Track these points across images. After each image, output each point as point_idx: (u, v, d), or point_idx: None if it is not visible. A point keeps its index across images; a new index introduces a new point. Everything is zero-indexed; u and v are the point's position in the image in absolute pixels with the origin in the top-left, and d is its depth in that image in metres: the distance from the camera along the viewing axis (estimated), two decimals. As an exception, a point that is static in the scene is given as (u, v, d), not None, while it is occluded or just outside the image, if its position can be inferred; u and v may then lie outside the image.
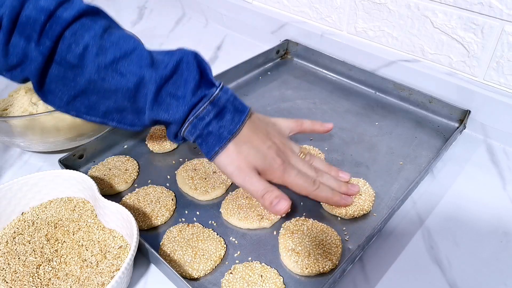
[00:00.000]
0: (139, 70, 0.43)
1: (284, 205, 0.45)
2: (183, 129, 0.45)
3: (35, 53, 0.41)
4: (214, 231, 0.49)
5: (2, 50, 0.41)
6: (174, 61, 0.43)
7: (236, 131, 0.45)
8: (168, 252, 0.46)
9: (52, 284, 0.43)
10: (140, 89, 0.43)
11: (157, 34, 0.96)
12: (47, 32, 0.41)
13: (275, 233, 0.49)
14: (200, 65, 0.45)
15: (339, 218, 0.51)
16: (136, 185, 0.56)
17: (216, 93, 0.44)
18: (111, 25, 0.44)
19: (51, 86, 0.44)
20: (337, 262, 0.45)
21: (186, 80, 0.43)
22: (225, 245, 0.48)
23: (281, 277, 0.44)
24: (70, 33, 0.42)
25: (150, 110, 0.44)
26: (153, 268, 0.47)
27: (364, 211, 0.51)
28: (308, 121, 0.56)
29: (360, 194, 0.52)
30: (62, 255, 0.45)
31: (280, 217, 0.51)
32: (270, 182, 0.47)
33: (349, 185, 0.52)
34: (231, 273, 0.44)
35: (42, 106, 0.62)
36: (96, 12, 0.44)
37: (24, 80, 0.45)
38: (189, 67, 0.43)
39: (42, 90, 0.44)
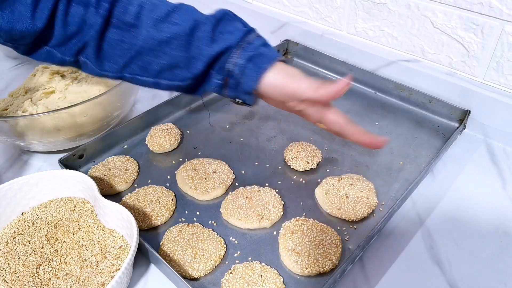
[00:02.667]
0: (192, 17, 0.48)
1: (342, 83, 0.45)
2: (234, 55, 0.48)
3: (94, 17, 0.45)
4: (214, 231, 0.49)
5: (62, 21, 0.45)
6: (220, 12, 0.49)
7: (283, 59, 0.49)
8: (168, 252, 0.46)
9: (52, 284, 0.43)
10: (195, 32, 0.47)
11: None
12: None
13: (275, 233, 0.49)
14: (241, 18, 0.51)
15: (341, 219, 0.51)
16: (136, 185, 0.56)
17: (257, 32, 0.50)
18: None
19: (108, 51, 0.48)
20: (337, 262, 0.45)
21: (234, 22, 0.49)
22: (225, 245, 0.48)
23: (281, 277, 0.44)
24: None
25: (208, 48, 0.47)
26: (153, 268, 0.47)
27: (373, 207, 0.51)
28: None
29: (361, 191, 0.52)
30: (62, 255, 0.45)
31: (280, 217, 0.51)
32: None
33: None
34: (231, 273, 0.44)
35: (42, 106, 0.62)
36: None
37: (76, 53, 0.48)
38: (234, 16, 0.50)
39: (99, 57, 0.48)
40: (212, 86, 0.50)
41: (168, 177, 0.57)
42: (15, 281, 0.43)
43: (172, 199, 0.53)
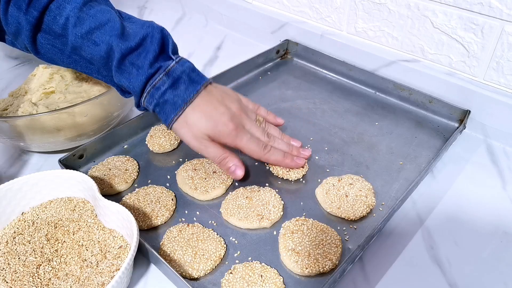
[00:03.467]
0: (109, 39, 0.47)
1: (240, 173, 0.52)
2: (143, 99, 0.49)
3: (24, 22, 0.47)
4: (214, 231, 0.49)
5: (3, 20, 0.48)
6: (141, 35, 0.47)
7: (190, 100, 0.49)
8: (168, 252, 0.46)
9: (52, 284, 0.43)
10: (110, 56, 0.48)
11: (157, 34, 0.96)
12: (34, 4, 0.47)
13: (275, 233, 0.49)
14: (164, 40, 0.49)
15: (341, 218, 0.51)
16: (136, 185, 0.56)
17: (171, 65, 0.48)
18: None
19: (46, 54, 0.50)
20: (337, 262, 0.45)
21: (147, 53, 0.48)
22: (225, 245, 0.48)
23: (281, 277, 0.44)
24: (55, 5, 0.47)
25: (114, 76, 0.49)
26: (153, 268, 0.47)
27: (371, 206, 0.51)
28: (264, 109, 0.59)
29: (360, 190, 0.52)
30: (62, 255, 0.45)
31: (280, 217, 0.51)
32: (225, 145, 0.52)
33: (300, 149, 0.57)
34: (231, 273, 0.44)
35: (42, 106, 0.62)
36: None
37: (27, 48, 0.50)
38: (153, 41, 0.48)
39: (39, 56, 0.51)
40: (138, 108, 0.52)
41: (168, 177, 0.57)
42: (15, 281, 0.43)
43: (172, 199, 0.53)
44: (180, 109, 0.48)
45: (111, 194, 0.54)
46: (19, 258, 0.45)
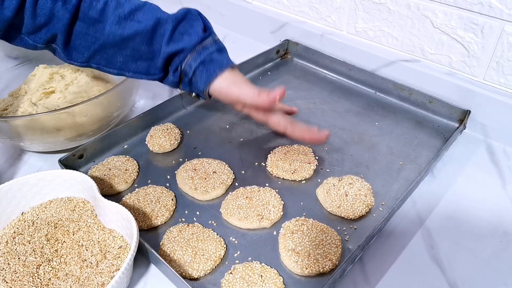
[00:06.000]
0: (155, 15, 0.51)
1: (279, 90, 0.51)
2: (189, 56, 0.52)
3: (62, 11, 0.48)
4: (214, 231, 0.49)
5: (31, 12, 0.47)
6: (183, 11, 0.53)
7: (232, 66, 0.54)
8: (168, 252, 0.46)
9: (52, 284, 0.43)
10: (158, 29, 0.51)
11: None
12: None
13: (275, 233, 0.49)
14: (204, 18, 0.54)
15: (341, 218, 0.51)
16: (136, 185, 0.56)
17: (217, 37, 0.55)
18: None
19: (75, 42, 0.51)
20: (337, 262, 0.45)
21: (195, 24, 0.53)
22: (225, 245, 0.48)
23: (281, 277, 0.44)
24: None
25: (166, 46, 0.51)
26: (153, 268, 0.47)
27: (370, 206, 0.51)
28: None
29: (360, 190, 0.52)
30: (62, 255, 0.45)
31: (280, 217, 0.51)
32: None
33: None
34: (231, 273, 0.44)
35: (42, 106, 0.62)
36: None
37: (47, 42, 0.51)
38: (196, 17, 0.53)
39: (67, 48, 0.51)
40: (169, 81, 0.55)
41: (168, 177, 0.57)
42: (15, 281, 0.43)
43: (172, 199, 0.53)
44: (225, 68, 0.52)
45: (111, 194, 0.54)
46: (19, 258, 0.45)
